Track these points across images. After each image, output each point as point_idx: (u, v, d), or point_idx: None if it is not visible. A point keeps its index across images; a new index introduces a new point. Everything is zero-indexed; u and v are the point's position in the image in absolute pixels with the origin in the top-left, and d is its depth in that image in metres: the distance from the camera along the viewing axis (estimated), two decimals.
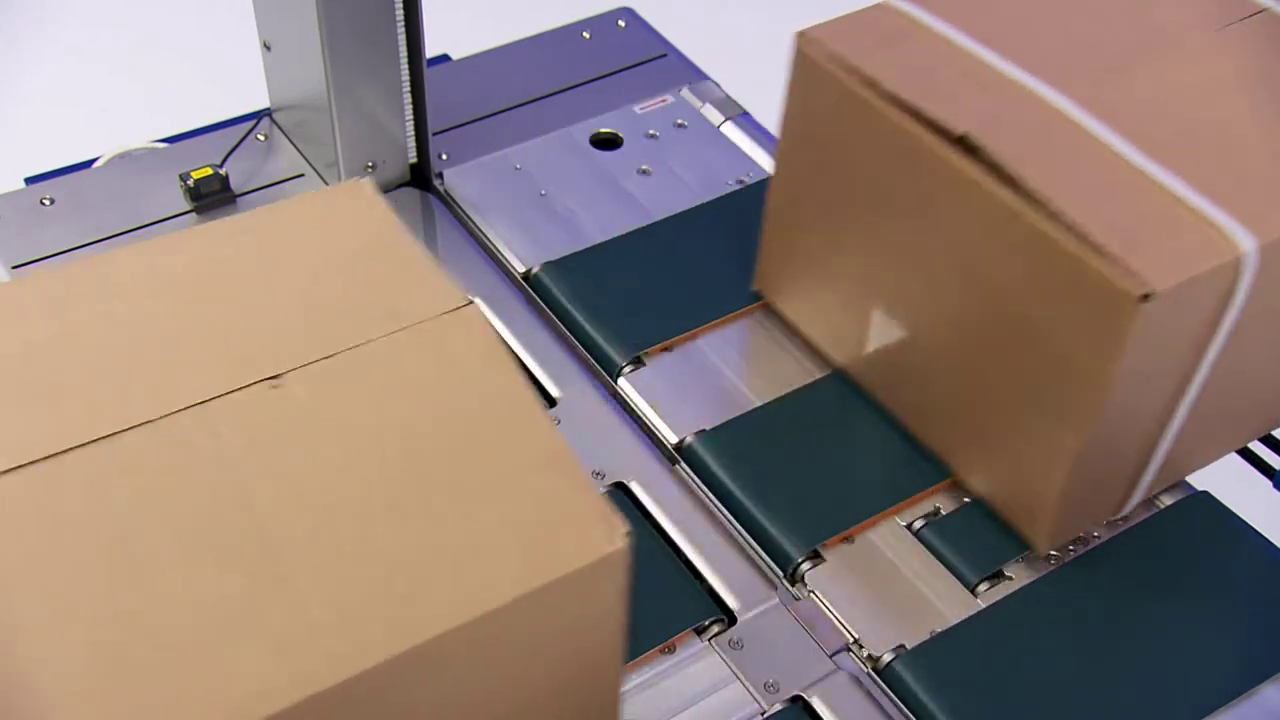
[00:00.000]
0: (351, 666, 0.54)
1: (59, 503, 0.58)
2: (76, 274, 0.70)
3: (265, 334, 0.66)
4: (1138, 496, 0.88)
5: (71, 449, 0.60)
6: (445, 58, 1.32)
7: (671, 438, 0.94)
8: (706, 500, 0.91)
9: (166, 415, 0.62)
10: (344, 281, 0.70)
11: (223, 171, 1.10)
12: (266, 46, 1.12)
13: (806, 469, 0.92)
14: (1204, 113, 0.82)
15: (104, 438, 0.61)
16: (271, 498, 0.59)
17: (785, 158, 0.94)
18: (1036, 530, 0.86)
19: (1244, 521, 0.91)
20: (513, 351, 1.00)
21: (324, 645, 0.55)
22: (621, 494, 0.91)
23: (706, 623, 0.84)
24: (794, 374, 0.98)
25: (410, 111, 1.10)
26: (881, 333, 0.92)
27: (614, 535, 0.59)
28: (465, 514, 0.60)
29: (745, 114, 1.21)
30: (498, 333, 0.69)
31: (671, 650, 0.83)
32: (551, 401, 0.97)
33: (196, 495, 0.59)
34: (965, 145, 0.78)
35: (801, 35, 0.86)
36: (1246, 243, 0.74)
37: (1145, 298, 0.70)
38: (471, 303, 0.68)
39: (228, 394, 0.63)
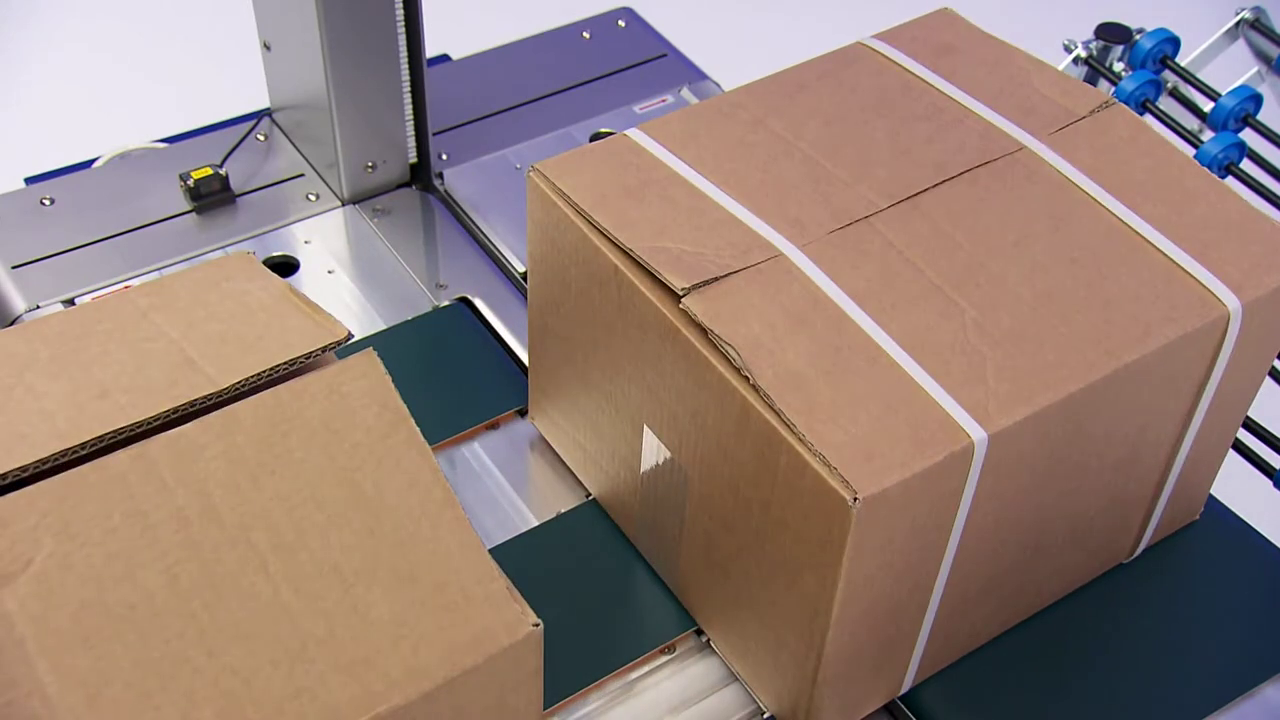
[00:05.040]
0: None
1: None
2: None
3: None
4: (909, 680, 0.80)
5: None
6: (445, 58, 1.32)
7: None
8: None
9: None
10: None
11: (223, 171, 1.10)
12: (266, 46, 1.12)
13: None
14: (954, 278, 0.74)
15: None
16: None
17: (534, 288, 0.86)
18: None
19: (1244, 522, 0.91)
20: (511, 350, 1.00)
21: None
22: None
23: None
24: None
25: (410, 111, 1.10)
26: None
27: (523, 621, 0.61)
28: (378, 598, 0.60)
29: None
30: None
31: (672, 650, 0.83)
32: None
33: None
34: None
35: (535, 169, 0.79)
36: (976, 432, 0.67)
37: (856, 501, 0.63)
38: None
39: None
